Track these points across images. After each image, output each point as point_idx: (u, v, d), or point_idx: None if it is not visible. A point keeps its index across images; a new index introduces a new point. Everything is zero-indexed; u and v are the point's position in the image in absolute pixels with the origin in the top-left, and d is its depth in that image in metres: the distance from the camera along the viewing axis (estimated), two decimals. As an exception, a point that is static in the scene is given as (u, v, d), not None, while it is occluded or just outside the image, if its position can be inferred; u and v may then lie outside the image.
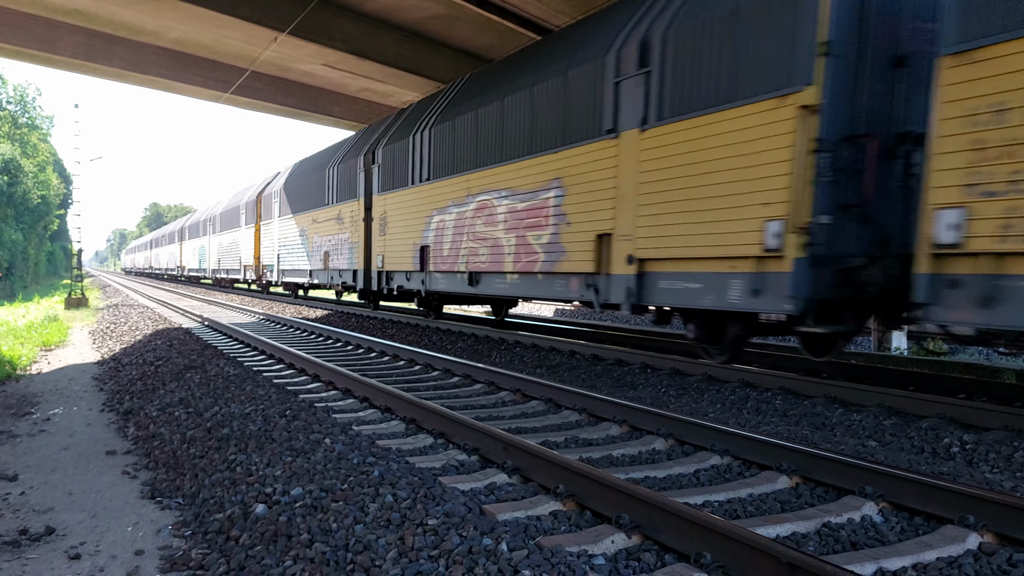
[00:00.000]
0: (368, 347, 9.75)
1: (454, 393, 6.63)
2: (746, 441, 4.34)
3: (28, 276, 39.47)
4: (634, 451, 4.56)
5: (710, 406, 6.16)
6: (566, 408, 5.78)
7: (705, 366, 7.43)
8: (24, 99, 51.94)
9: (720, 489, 3.74)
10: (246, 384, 6.66)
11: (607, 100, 7.67)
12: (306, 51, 16.25)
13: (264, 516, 3.55)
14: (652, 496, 3.06)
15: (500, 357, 9.25)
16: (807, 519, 3.30)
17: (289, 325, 13.74)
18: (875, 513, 3.44)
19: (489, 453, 4.21)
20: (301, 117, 21.96)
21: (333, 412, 5.56)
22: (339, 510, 3.40)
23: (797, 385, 6.53)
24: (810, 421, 5.55)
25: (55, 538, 3.74)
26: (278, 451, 4.52)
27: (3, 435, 6.07)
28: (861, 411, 5.72)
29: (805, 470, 3.95)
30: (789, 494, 3.75)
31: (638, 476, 3.97)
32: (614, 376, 7.56)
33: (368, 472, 3.83)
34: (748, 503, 3.60)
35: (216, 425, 5.45)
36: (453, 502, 3.33)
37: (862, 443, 4.88)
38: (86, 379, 9.01)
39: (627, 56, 7.43)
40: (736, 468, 4.21)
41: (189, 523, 3.87)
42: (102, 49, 16.49)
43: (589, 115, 7.95)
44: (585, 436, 4.92)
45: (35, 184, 38.39)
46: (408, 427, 5.09)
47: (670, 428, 4.84)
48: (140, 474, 4.94)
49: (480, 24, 15.77)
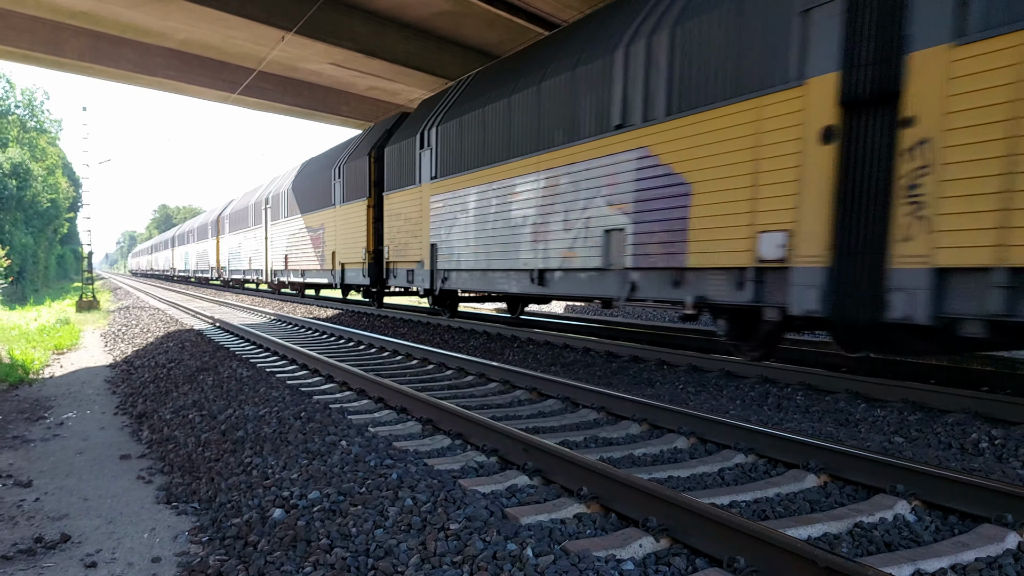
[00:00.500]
0: (380, 346, 9.69)
1: (469, 392, 6.56)
2: (770, 439, 4.24)
3: (39, 279, 39.65)
4: (655, 450, 4.47)
5: (730, 403, 6.06)
6: (584, 407, 5.69)
7: (722, 362, 7.33)
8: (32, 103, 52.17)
9: (747, 489, 3.65)
10: (259, 386, 6.61)
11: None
12: (314, 50, 16.20)
13: (282, 520, 3.49)
14: (679, 498, 2.97)
15: (513, 355, 9.17)
16: (838, 519, 3.21)
17: (300, 325, 13.71)
18: (908, 512, 3.35)
19: (508, 454, 4.13)
20: (309, 117, 21.94)
21: (348, 413, 5.50)
22: (358, 514, 3.34)
23: (818, 380, 6.42)
24: (833, 417, 5.44)
25: (71, 545, 3.69)
26: (294, 454, 4.47)
27: (17, 440, 6.04)
28: (885, 406, 5.61)
29: (833, 468, 3.85)
30: (818, 493, 3.66)
31: (661, 476, 3.88)
32: (630, 373, 7.47)
33: (386, 475, 3.76)
34: (776, 503, 3.51)
35: (230, 428, 5.40)
36: (474, 505, 3.26)
37: (888, 439, 4.78)
38: (98, 382, 8.99)
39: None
40: (761, 466, 4.12)
41: (206, 528, 3.81)
42: (109, 51, 16.49)
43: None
44: (605, 435, 4.84)
45: (44, 188, 38.54)
46: (425, 428, 5.02)
47: (691, 426, 4.75)
48: (155, 478, 4.89)
49: (488, 20, 15.70)
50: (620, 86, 7.90)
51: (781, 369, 6.82)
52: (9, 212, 33.03)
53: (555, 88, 9.00)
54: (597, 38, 8.66)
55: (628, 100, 7.79)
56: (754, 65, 6.34)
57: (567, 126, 8.77)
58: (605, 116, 8.14)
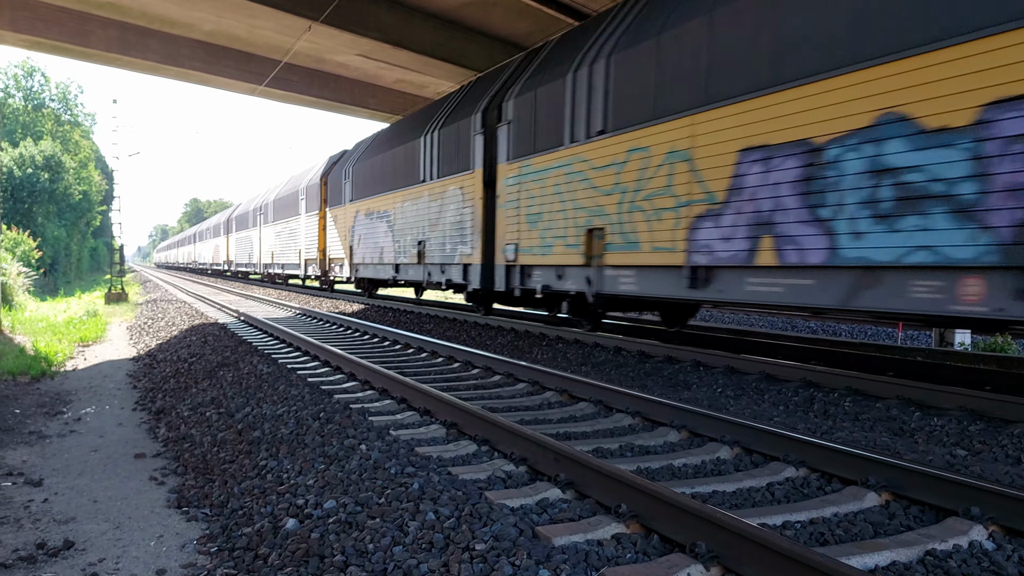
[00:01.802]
0: (405, 343, 9.45)
1: (496, 393, 6.27)
2: (823, 451, 3.90)
3: (71, 272, 40.16)
4: (696, 460, 4.15)
5: (772, 408, 5.70)
6: (618, 411, 5.37)
7: (762, 364, 6.96)
8: (67, 97, 52.95)
9: (800, 507, 3.32)
10: (279, 383, 6.40)
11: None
12: (340, 41, 16.01)
13: (295, 532, 3.24)
14: (732, 522, 2.65)
15: (542, 354, 8.87)
16: (907, 545, 2.87)
17: (325, 320, 13.54)
18: (985, 538, 3.00)
19: (538, 464, 3.83)
20: (336, 109, 21.79)
21: (369, 414, 5.25)
22: (376, 528, 3.07)
23: (865, 385, 6.02)
24: (886, 426, 5.07)
25: (74, 553, 3.48)
26: (310, 457, 4.22)
27: (33, 436, 5.90)
28: (941, 415, 5.23)
29: (896, 485, 3.50)
30: (880, 514, 3.31)
31: (705, 491, 3.57)
32: (665, 375, 7.13)
33: (407, 484, 3.49)
34: (834, 524, 3.18)
35: (247, 427, 5.18)
36: (502, 522, 2.97)
37: (949, 452, 4.40)
38: (120, 376, 8.87)
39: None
40: (815, 482, 3.77)
41: (216, 537, 3.58)
42: (135, 42, 16.45)
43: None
44: (641, 443, 4.52)
45: (77, 180, 38.99)
46: (449, 432, 4.74)
47: (735, 434, 4.41)
48: (168, 480, 4.69)
49: (517, 10, 15.37)
50: (425, 158, 13.93)
51: (826, 373, 6.44)
52: (42, 204, 33.44)
53: (402, 152, 15.01)
54: (411, 126, 15.25)
55: (426, 165, 13.87)
56: (458, 159, 12.42)
57: (412, 173, 14.44)
58: (414, 172, 14.41)
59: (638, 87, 7.92)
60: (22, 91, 49.90)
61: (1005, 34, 4.69)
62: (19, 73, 49.95)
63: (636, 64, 7.97)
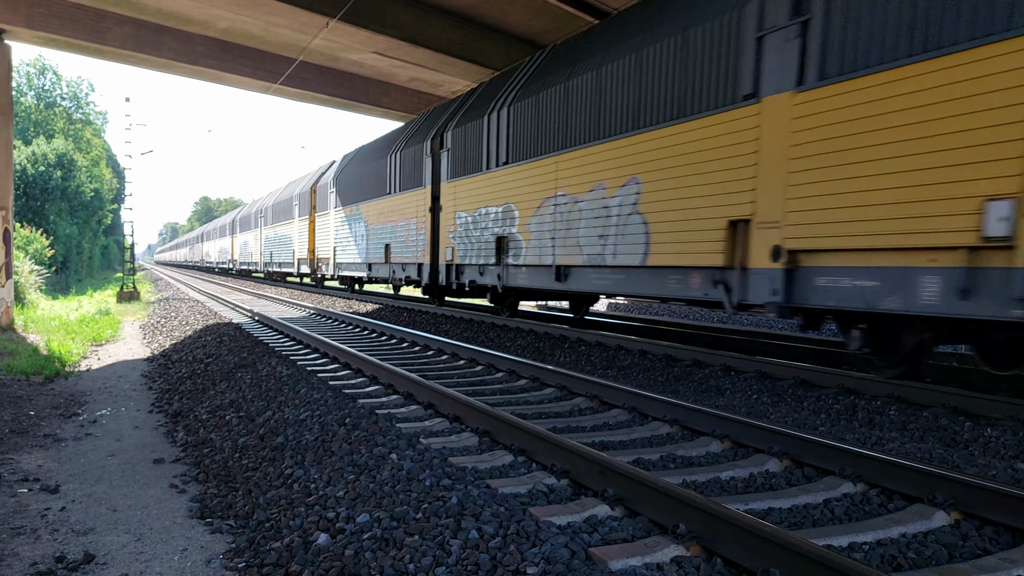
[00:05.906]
0: (425, 344, 9.27)
1: (523, 399, 6.07)
2: (880, 464, 3.68)
3: (83, 269, 40.18)
4: (744, 473, 3.94)
5: (814, 416, 5.48)
6: (653, 419, 5.17)
7: (796, 369, 6.74)
8: (78, 95, 53.07)
9: (865, 527, 3.11)
10: (300, 386, 6.21)
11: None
12: (356, 38, 15.82)
13: (327, 548, 3.06)
14: (807, 547, 2.45)
15: (564, 357, 8.66)
16: (988, 571, 2.67)
17: (340, 320, 13.37)
18: (1071, 564, 2.78)
19: (581, 477, 3.63)
20: (350, 108, 21.59)
21: (396, 421, 5.06)
22: (415, 546, 2.88)
23: (908, 392, 5.79)
24: (937, 436, 4.84)
25: (94, 567, 3.30)
26: (339, 466, 4.04)
27: (48, 439, 5.74)
28: (994, 425, 4.99)
29: (965, 504, 3.28)
30: (952, 535, 3.10)
31: (759, 507, 3.36)
32: (695, 380, 6.91)
33: (445, 498, 3.30)
34: (903, 545, 2.97)
35: (269, 432, 5.00)
36: (552, 542, 2.77)
37: (1010, 465, 4.17)
38: (135, 376, 8.72)
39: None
40: (875, 498, 3.56)
41: (243, 552, 3.39)
42: (150, 39, 16.31)
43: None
44: (683, 453, 4.32)
45: (88, 178, 39.01)
46: (482, 441, 4.54)
47: (782, 445, 4.20)
48: (189, 487, 4.51)
49: (535, 8, 15.14)
50: (391, 174, 16.09)
51: (863, 379, 6.21)
52: (54, 202, 33.44)
53: (375, 168, 17.36)
54: (383, 145, 17.80)
55: (392, 180, 15.95)
56: (414, 176, 14.70)
57: (381, 187, 16.71)
58: (383, 185, 16.51)
59: (525, 131, 10.55)
60: (34, 89, 50.05)
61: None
62: (31, 71, 50.11)
63: (524, 113, 10.60)
